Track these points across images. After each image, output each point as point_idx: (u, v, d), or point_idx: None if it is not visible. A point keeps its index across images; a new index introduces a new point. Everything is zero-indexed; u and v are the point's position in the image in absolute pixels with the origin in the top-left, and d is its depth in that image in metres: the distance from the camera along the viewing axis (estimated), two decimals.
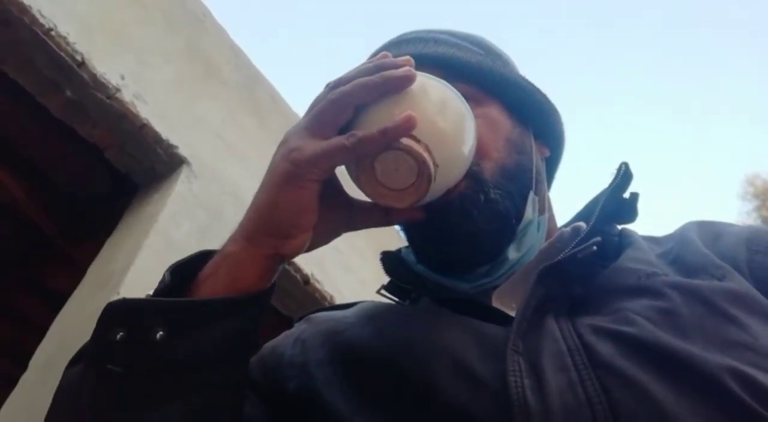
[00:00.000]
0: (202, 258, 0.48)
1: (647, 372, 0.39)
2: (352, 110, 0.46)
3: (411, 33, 0.64)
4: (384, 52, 0.50)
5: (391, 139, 0.43)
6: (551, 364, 0.42)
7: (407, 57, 0.47)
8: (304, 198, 0.45)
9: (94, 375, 0.43)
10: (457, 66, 0.59)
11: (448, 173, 0.47)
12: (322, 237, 0.50)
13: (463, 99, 0.50)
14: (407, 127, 0.43)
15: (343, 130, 0.46)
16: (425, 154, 0.43)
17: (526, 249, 0.56)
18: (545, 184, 0.63)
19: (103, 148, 1.54)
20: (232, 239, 0.47)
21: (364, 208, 0.52)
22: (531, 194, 0.57)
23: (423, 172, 0.44)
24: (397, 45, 0.63)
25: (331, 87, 0.47)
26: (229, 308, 0.44)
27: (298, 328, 0.61)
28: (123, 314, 0.43)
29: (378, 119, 0.44)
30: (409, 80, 0.45)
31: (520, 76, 0.63)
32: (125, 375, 0.42)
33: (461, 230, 0.52)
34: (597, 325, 0.44)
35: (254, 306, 0.46)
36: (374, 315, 0.57)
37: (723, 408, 0.37)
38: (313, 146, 0.44)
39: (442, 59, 0.59)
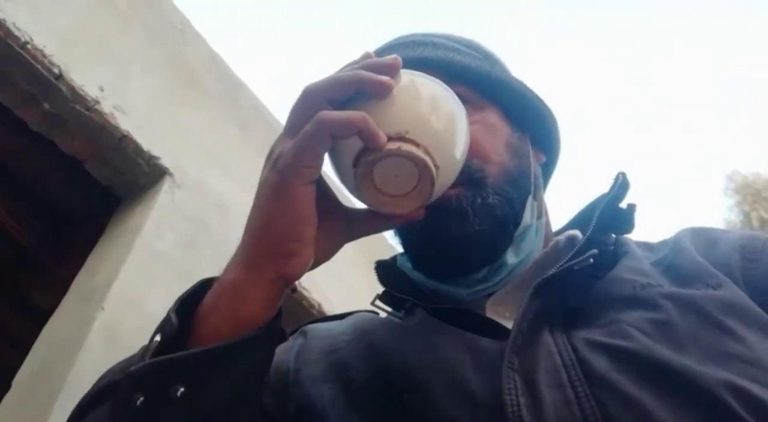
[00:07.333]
0: (202, 288, 0.46)
1: (643, 387, 0.39)
2: (327, 105, 0.42)
3: (408, 36, 0.63)
4: (367, 52, 0.47)
5: (353, 128, 0.40)
6: (547, 380, 0.41)
7: (394, 56, 0.45)
8: (299, 206, 0.42)
9: None
10: (456, 69, 0.58)
11: (446, 174, 0.45)
12: (324, 251, 0.47)
13: (455, 96, 0.48)
14: (362, 121, 0.40)
15: None
16: (426, 158, 0.41)
17: (525, 254, 0.55)
18: (542, 189, 0.63)
19: (83, 161, 1.53)
20: (231, 265, 0.44)
21: (361, 215, 0.49)
22: (530, 199, 0.57)
23: (425, 176, 0.42)
24: (394, 48, 0.62)
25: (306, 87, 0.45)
26: (242, 349, 0.42)
27: (295, 342, 0.60)
28: (143, 378, 0.41)
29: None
30: (386, 88, 0.42)
31: (519, 81, 0.63)
32: None
33: (457, 231, 0.51)
34: (592, 339, 0.44)
35: (267, 339, 0.44)
36: (369, 331, 0.56)
37: None
38: (290, 146, 0.42)
39: (441, 62, 0.58)
